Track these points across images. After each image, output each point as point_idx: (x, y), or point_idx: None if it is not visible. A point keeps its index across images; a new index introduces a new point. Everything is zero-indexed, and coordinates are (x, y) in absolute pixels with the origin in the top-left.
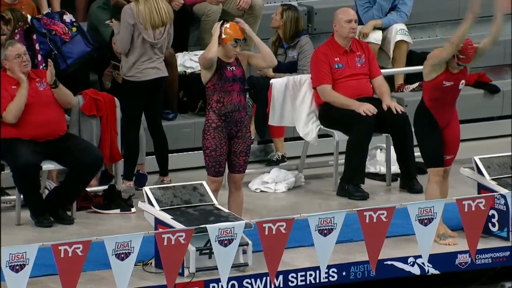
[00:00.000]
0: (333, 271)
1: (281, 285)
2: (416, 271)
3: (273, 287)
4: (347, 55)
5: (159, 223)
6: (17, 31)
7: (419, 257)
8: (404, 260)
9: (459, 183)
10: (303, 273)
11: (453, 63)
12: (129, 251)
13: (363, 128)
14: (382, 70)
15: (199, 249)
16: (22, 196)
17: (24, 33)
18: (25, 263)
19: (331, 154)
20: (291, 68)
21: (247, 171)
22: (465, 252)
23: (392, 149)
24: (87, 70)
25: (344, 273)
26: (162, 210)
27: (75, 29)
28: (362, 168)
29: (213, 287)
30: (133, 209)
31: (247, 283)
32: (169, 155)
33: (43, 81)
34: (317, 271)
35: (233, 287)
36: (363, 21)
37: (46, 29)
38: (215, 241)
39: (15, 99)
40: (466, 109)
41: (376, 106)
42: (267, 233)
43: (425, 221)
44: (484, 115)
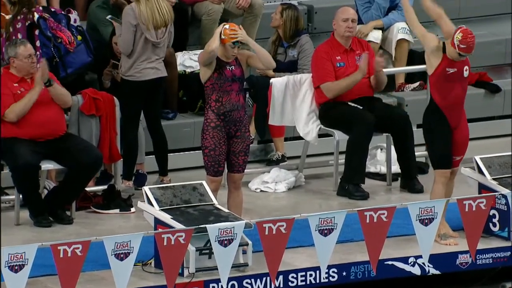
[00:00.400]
0: (334, 271)
1: (281, 285)
2: (416, 271)
3: (273, 287)
4: (347, 54)
5: (158, 223)
6: (20, 17)
7: (420, 257)
8: (404, 260)
9: (460, 183)
10: (303, 273)
11: (454, 54)
12: (129, 251)
13: (364, 127)
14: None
15: (199, 249)
16: (21, 196)
17: (27, 25)
18: (24, 263)
19: (332, 153)
20: (291, 67)
21: (247, 170)
22: (466, 252)
23: (392, 148)
24: (84, 74)
25: (344, 273)
26: (161, 210)
27: (80, 38)
28: (362, 168)
29: (213, 287)
30: (133, 209)
31: (247, 283)
32: (168, 154)
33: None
34: (318, 271)
35: (233, 287)
36: (363, 21)
37: (51, 33)
38: (215, 241)
39: (22, 100)
40: (467, 108)
41: (376, 105)
42: (267, 233)
43: (426, 221)
44: (485, 115)
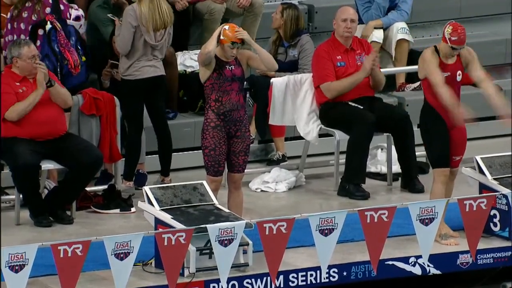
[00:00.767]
0: (334, 271)
1: (282, 285)
2: (417, 271)
3: (273, 287)
4: (348, 53)
5: (159, 223)
6: (29, 4)
7: (421, 257)
8: (405, 260)
9: (460, 183)
10: (304, 273)
11: (447, 49)
12: (129, 251)
13: (364, 127)
14: (382, 69)
15: (199, 249)
16: (21, 195)
17: (32, 22)
18: (24, 263)
19: (332, 153)
20: (292, 67)
21: (247, 170)
22: (466, 252)
23: (393, 148)
24: None
25: (345, 273)
26: (162, 210)
27: (84, 59)
28: (363, 167)
29: (213, 287)
30: (133, 209)
31: (247, 283)
32: None
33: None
34: (318, 271)
35: (233, 287)
36: (363, 21)
37: (60, 50)
38: (215, 241)
39: (25, 101)
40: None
41: (377, 105)
42: (267, 233)
43: (426, 221)
44: (485, 115)
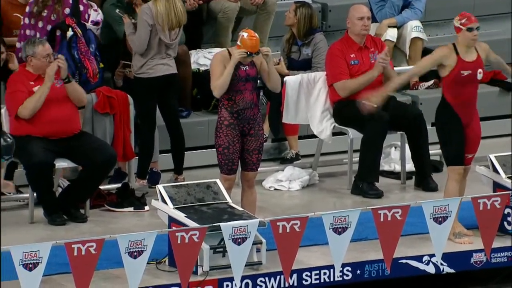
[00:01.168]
0: (348, 270)
1: (295, 284)
2: (431, 269)
3: (287, 285)
4: (362, 51)
5: (172, 221)
6: (45, 13)
7: (434, 255)
8: (419, 258)
9: (474, 182)
10: (317, 272)
11: (466, 36)
12: (142, 249)
13: (378, 126)
14: (396, 68)
15: (213, 247)
16: (35, 194)
17: (51, 22)
18: (38, 261)
19: (346, 152)
20: (305, 65)
21: (261, 169)
22: (480, 250)
23: (407, 147)
24: None
25: (358, 272)
26: (175, 208)
27: (102, 65)
28: (376, 166)
29: (227, 286)
30: (147, 207)
31: (261, 281)
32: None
33: (59, 78)
34: (331, 270)
35: (246, 285)
36: (377, 19)
37: (79, 57)
38: (229, 240)
39: (34, 95)
40: (481, 106)
41: (390, 104)
42: (281, 231)
43: (440, 219)
44: (499, 113)
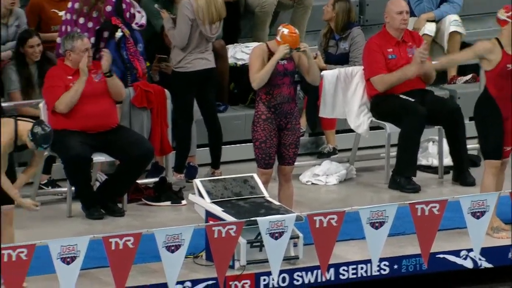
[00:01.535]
0: (385, 264)
1: (332, 278)
2: (468, 264)
3: (324, 280)
4: (399, 46)
5: (209, 215)
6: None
7: (472, 250)
8: (456, 253)
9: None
10: (355, 266)
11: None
12: (180, 244)
13: (415, 120)
14: (433, 62)
15: (250, 241)
16: (73, 188)
17: (92, 20)
18: (76, 255)
19: (383, 146)
20: (343, 60)
21: (298, 163)
22: None
23: (444, 141)
24: None
25: (395, 266)
26: (212, 202)
27: (148, 64)
28: (414, 160)
29: (264, 280)
30: (184, 202)
31: (298, 276)
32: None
33: (99, 73)
34: (369, 264)
35: (284, 280)
36: (415, 14)
37: (128, 57)
38: (266, 234)
39: (70, 90)
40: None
41: (428, 98)
42: (318, 226)
43: (478, 214)
44: None
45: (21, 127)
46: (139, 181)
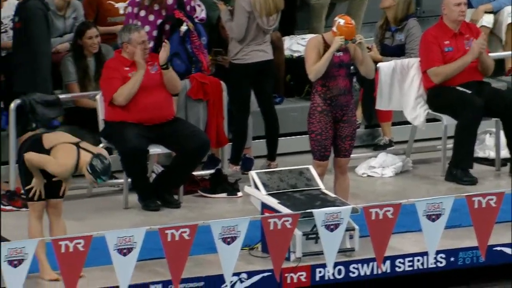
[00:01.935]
0: (441, 257)
1: (388, 271)
2: None
3: (380, 272)
4: (456, 38)
5: (265, 207)
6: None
7: None
8: None
9: None
10: (411, 259)
11: None
12: (236, 235)
13: (472, 112)
14: (491, 54)
15: (306, 233)
16: (129, 179)
17: (154, 12)
18: (132, 246)
19: (439, 138)
20: (399, 51)
21: (354, 155)
22: None
23: (502, 133)
24: None
25: (452, 259)
26: (268, 194)
27: (210, 57)
28: (471, 152)
29: (320, 272)
30: (240, 193)
31: (353, 268)
32: None
33: (155, 65)
34: (425, 257)
35: (339, 272)
36: (473, 5)
37: (192, 51)
38: (322, 226)
39: (129, 82)
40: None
41: (485, 90)
42: (374, 218)
43: None
44: None
45: (82, 158)
46: (195, 173)
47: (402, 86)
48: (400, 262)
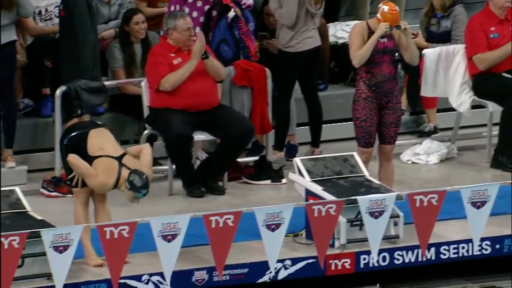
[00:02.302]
0: (486, 244)
1: (433, 258)
2: None
3: (424, 259)
4: (502, 24)
5: (309, 194)
6: None
7: None
8: None
9: None
10: (456, 246)
11: None
12: (280, 222)
13: None
14: None
15: (350, 220)
16: (174, 166)
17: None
18: (177, 233)
19: (485, 125)
20: (444, 38)
21: (398, 142)
22: None
23: None
24: None
25: (497, 246)
26: (312, 181)
27: (258, 43)
28: None
29: (364, 259)
30: (284, 180)
31: (398, 255)
32: None
33: None
34: (470, 244)
35: (384, 259)
36: None
37: (240, 37)
38: (366, 213)
39: (178, 71)
40: None
41: None
42: (418, 205)
43: None
44: None
45: (122, 174)
46: (239, 160)
47: (447, 72)
48: (445, 249)
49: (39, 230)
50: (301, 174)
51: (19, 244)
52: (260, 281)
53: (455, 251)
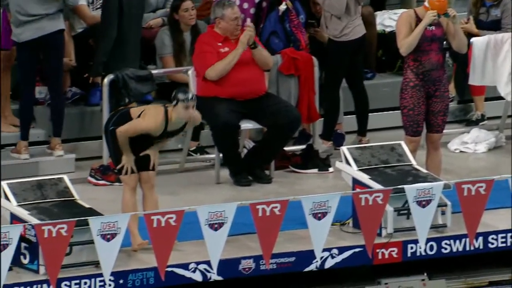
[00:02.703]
0: None
1: (481, 247)
2: None
3: (472, 248)
4: None
5: (356, 183)
6: None
7: None
8: None
9: None
10: (504, 235)
11: None
12: (326, 211)
13: None
14: None
15: (397, 209)
16: (221, 155)
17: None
18: (223, 221)
19: None
20: (494, 26)
21: (446, 131)
22: None
23: None
24: None
25: None
26: (359, 170)
27: (308, 34)
28: None
29: (411, 248)
30: (331, 169)
31: (445, 244)
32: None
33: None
34: None
35: (431, 248)
36: None
37: (291, 29)
38: (413, 202)
39: (225, 59)
40: None
41: None
42: (466, 194)
43: None
44: None
45: (172, 114)
46: (286, 148)
47: (495, 61)
48: (493, 238)
49: (87, 218)
50: (348, 163)
51: (67, 232)
52: (307, 269)
53: (503, 240)
